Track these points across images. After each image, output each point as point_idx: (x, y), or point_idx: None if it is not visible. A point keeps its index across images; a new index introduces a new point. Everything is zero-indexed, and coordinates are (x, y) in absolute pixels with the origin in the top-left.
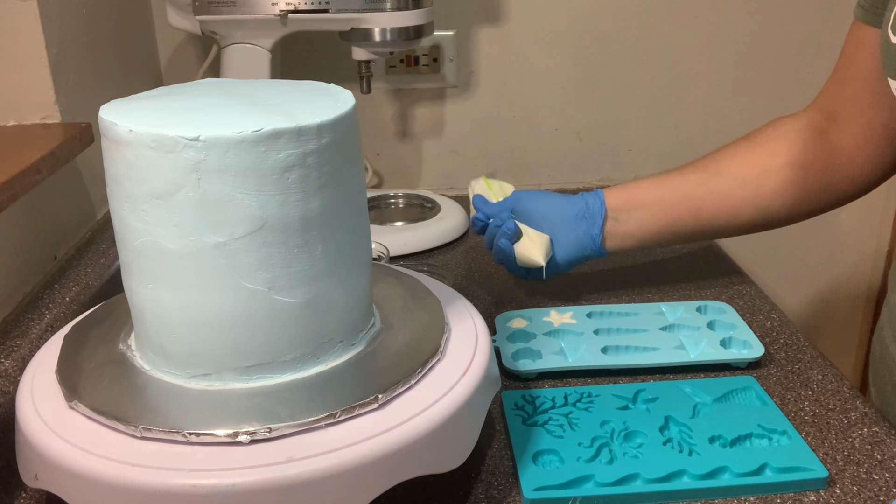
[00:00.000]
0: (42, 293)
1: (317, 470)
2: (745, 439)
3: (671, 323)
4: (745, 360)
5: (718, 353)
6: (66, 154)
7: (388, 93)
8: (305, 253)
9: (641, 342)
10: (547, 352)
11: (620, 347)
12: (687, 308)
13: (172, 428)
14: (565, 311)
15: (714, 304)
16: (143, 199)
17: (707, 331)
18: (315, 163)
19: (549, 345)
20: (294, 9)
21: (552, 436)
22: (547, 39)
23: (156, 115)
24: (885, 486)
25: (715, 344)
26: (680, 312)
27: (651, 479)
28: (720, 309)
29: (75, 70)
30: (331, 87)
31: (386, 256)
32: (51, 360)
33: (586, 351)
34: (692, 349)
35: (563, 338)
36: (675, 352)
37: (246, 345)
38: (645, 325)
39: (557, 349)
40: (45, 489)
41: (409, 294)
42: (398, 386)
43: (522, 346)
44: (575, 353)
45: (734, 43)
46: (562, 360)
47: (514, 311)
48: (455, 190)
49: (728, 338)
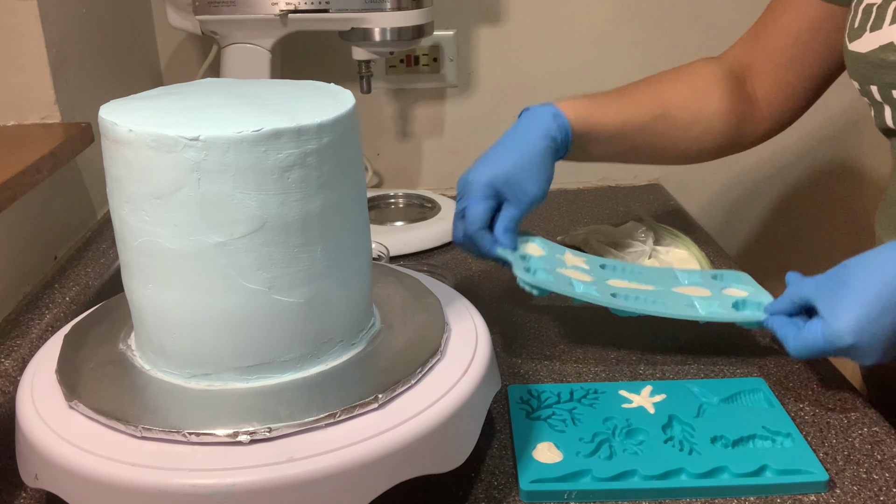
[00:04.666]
0: (42, 293)
1: (317, 470)
2: (747, 440)
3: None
4: (758, 319)
5: (729, 314)
6: (66, 154)
7: (388, 93)
8: (305, 253)
9: (652, 296)
10: (557, 278)
11: (630, 296)
12: (703, 275)
13: (172, 428)
14: (579, 255)
15: (731, 272)
16: (143, 199)
17: (720, 293)
18: (315, 163)
19: (559, 276)
20: (294, 9)
21: (554, 430)
22: (547, 39)
23: (156, 115)
24: (885, 486)
25: (727, 306)
26: (696, 277)
27: (648, 476)
28: (737, 277)
29: (75, 70)
30: (331, 86)
31: (386, 256)
32: (51, 360)
33: (595, 290)
34: (703, 308)
35: (574, 276)
36: (685, 308)
37: (246, 345)
38: (657, 283)
39: (567, 282)
40: (45, 489)
41: (409, 294)
42: (398, 386)
43: (534, 267)
44: (583, 287)
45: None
46: (569, 289)
47: (534, 236)
48: (455, 190)
49: (742, 300)
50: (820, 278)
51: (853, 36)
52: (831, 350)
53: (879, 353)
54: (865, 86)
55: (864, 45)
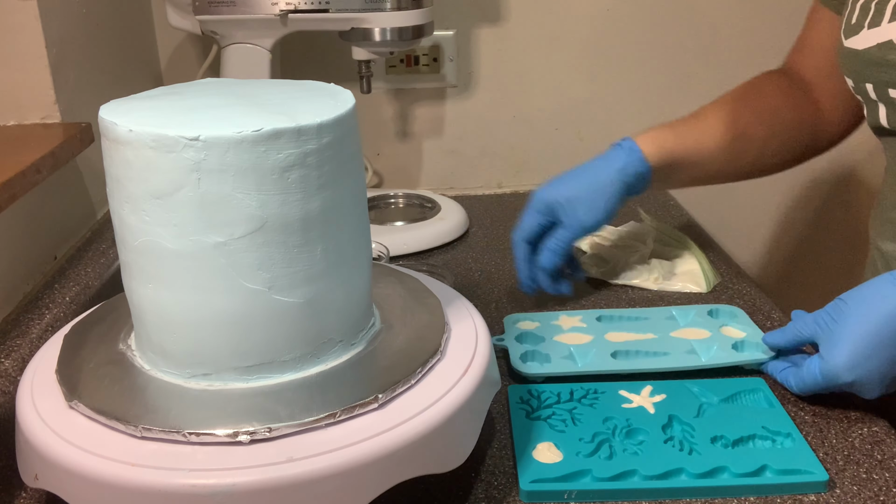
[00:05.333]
0: (42, 293)
1: (317, 470)
2: (747, 440)
3: (682, 328)
4: (758, 361)
5: (730, 356)
6: (66, 154)
7: (388, 93)
8: (305, 253)
9: (652, 347)
10: (556, 355)
11: (630, 352)
12: (698, 312)
13: (172, 428)
14: (574, 314)
15: (725, 307)
16: (143, 199)
17: (718, 335)
18: (315, 163)
19: (558, 348)
20: (294, 9)
21: (554, 430)
22: (547, 39)
23: (156, 115)
24: (885, 486)
25: (727, 347)
26: (691, 316)
27: (648, 476)
28: (732, 313)
29: (75, 70)
30: (331, 86)
31: (386, 256)
32: (51, 360)
33: (596, 356)
34: (703, 353)
35: (572, 341)
36: (686, 356)
37: (246, 345)
38: (655, 330)
39: (567, 353)
40: (45, 489)
41: (409, 294)
42: (398, 386)
43: (531, 349)
44: (584, 358)
45: (734, 42)
46: (571, 365)
47: (524, 314)
48: (455, 190)
49: (741, 341)
50: (820, 314)
51: (849, 32)
52: (832, 386)
53: (880, 388)
54: (860, 83)
55: (861, 41)
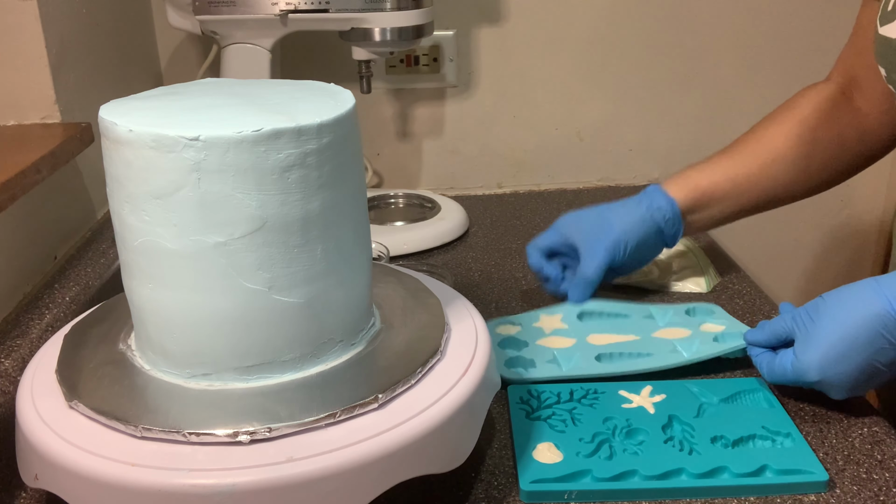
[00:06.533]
0: (42, 293)
1: (317, 470)
2: (747, 440)
3: (662, 327)
4: (740, 348)
5: (712, 348)
6: (66, 154)
7: (388, 93)
8: (305, 253)
9: (636, 349)
10: (540, 360)
11: (615, 354)
12: (676, 311)
13: (172, 428)
14: (555, 311)
15: (702, 305)
16: (143, 199)
17: (699, 332)
18: (315, 163)
19: (541, 353)
20: (294, 9)
21: (554, 430)
22: (547, 39)
23: (156, 115)
24: (885, 486)
25: (708, 341)
26: (669, 316)
27: (649, 476)
28: (709, 310)
29: (75, 70)
30: (331, 86)
31: (386, 256)
32: (51, 360)
33: (580, 359)
34: (686, 350)
35: (555, 345)
36: (669, 355)
37: (246, 344)
38: (637, 331)
39: (550, 357)
40: (45, 489)
41: (409, 294)
42: (398, 386)
43: (515, 354)
44: (568, 362)
45: (734, 42)
46: (556, 370)
47: (504, 318)
48: (455, 190)
49: (721, 333)
50: (799, 311)
51: (885, 19)
52: (800, 382)
53: (846, 390)
54: (893, 73)
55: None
